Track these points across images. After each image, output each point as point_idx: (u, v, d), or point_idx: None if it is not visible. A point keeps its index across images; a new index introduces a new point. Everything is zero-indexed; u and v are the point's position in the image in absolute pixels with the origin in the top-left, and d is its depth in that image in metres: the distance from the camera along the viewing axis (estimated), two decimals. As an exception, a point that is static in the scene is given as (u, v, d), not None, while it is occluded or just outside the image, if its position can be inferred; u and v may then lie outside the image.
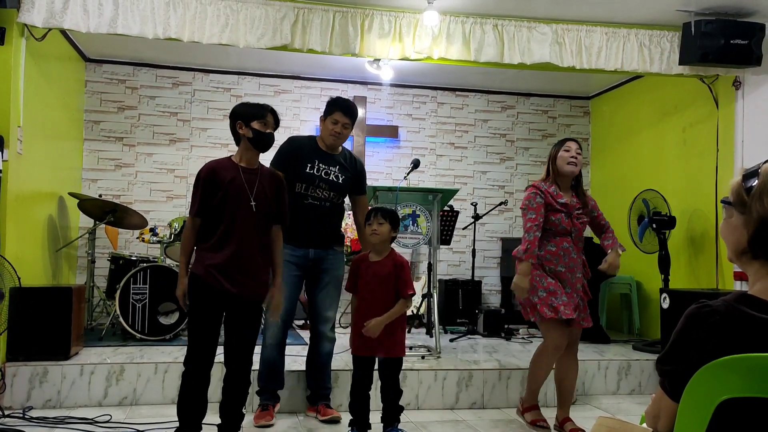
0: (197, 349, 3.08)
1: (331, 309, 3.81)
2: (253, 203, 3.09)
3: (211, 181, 3.09)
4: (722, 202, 1.39)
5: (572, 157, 3.57)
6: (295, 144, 3.81)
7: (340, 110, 3.73)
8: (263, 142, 3.17)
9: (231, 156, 3.23)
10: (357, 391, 3.32)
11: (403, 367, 4.10)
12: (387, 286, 3.25)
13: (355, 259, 3.43)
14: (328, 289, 3.78)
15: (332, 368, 4.07)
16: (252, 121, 3.15)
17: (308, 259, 3.70)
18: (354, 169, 3.87)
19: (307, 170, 3.69)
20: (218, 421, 3.20)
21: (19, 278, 3.73)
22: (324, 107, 3.83)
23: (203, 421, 3.15)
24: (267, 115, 3.18)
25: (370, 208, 3.60)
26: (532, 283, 3.52)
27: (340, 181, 3.78)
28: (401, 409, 3.39)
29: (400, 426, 3.37)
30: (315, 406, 3.85)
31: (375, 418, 3.40)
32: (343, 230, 6.16)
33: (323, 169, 3.73)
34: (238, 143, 3.22)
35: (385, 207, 3.48)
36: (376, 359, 3.34)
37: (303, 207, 3.67)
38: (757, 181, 1.30)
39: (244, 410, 3.25)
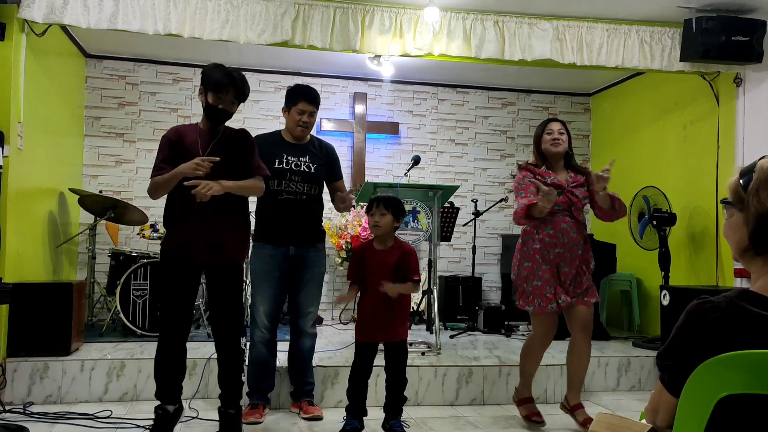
0: (167, 316, 3.10)
1: (313, 306, 3.76)
2: (206, 172, 2.99)
3: (175, 142, 3.06)
4: (722, 202, 1.40)
5: (554, 139, 3.57)
6: (260, 142, 3.65)
7: (304, 99, 3.64)
8: (212, 115, 3.09)
9: (198, 123, 3.19)
10: (356, 378, 3.32)
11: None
12: (397, 274, 3.25)
13: (357, 248, 3.41)
14: (309, 288, 3.71)
15: (332, 365, 4.08)
16: (209, 91, 3.05)
17: (288, 257, 3.62)
18: (326, 156, 3.78)
19: (276, 165, 3.59)
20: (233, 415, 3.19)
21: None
22: (285, 97, 3.72)
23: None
24: (225, 91, 3.04)
25: (372, 197, 3.53)
26: (528, 270, 3.54)
27: (313, 171, 3.68)
28: (405, 399, 3.38)
29: (402, 420, 3.37)
30: (298, 402, 3.81)
31: (376, 413, 3.41)
32: (343, 226, 6.21)
33: (293, 161, 3.64)
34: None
35: (387, 196, 3.42)
36: (377, 350, 3.34)
37: (279, 203, 3.58)
38: (753, 177, 1.30)
39: (243, 377, 3.23)
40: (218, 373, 3.18)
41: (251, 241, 3.63)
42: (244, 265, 3.36)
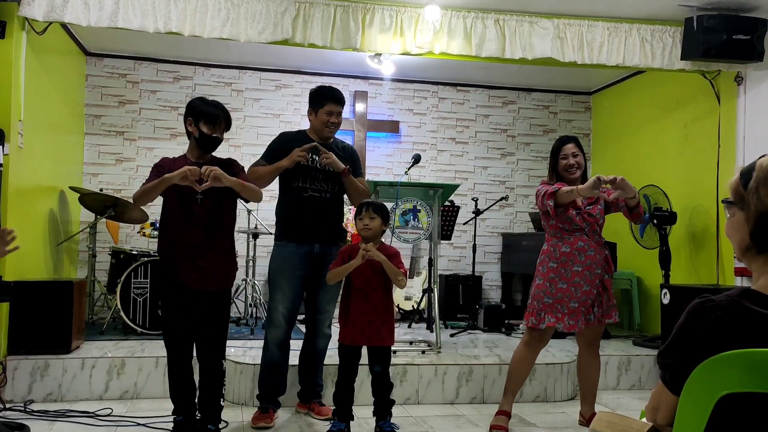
0: (169, 341, 3.17)
1: (331, 305, 3.77)
2: (199, 196, 3.08)
3: (162, 172, 3.09)
4: (723, 201, 1.40)
5: (571, 165, 3.54)
6: (286, 139, 3.72)
7: (332, 101, 3.64)
8: (208, 144, 3.17)
9: (185, 153, 3.25)
10: (343, 382, 3.33)
11: (403, 362, 4.14)
12: (382, 276, 3.26)
13: (345, 248, 3.42)
14: (329, 287, 3.67)
15: (333, 363, 4.06)
16: (200, 121, 3.12)
17: (313, 255, 3.62)
18: (349, 156, 3.78)
19: (302, 163, 3.61)
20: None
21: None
22: (310, 99, 3.71)
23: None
24: (218, 119, 3.13)
25: (361, 202, 3.54)
26: (538, 288, 3.51)
27: (334, 170, 3.67)
28: (393, 402, 3.39)
29: (392, 420, 3.37)
30: (306, 403, 3.82)
31: (365, 412, 3.42)
32: (344, 225, 6.20)
33: (318, 161, 3.64)
34: (189, 137, 3.22)
35: (375, 201, 3.46)
36: (361, 353, 3.34)
37: (304, 200, 3.60)
38: (753, 176, 1.31)
39: (222, 402, 3.26)
40: (200, 397, 3.21)
41: (274, 240, 3.72)
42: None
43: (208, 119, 3.12)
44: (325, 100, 3.65)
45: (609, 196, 3.44)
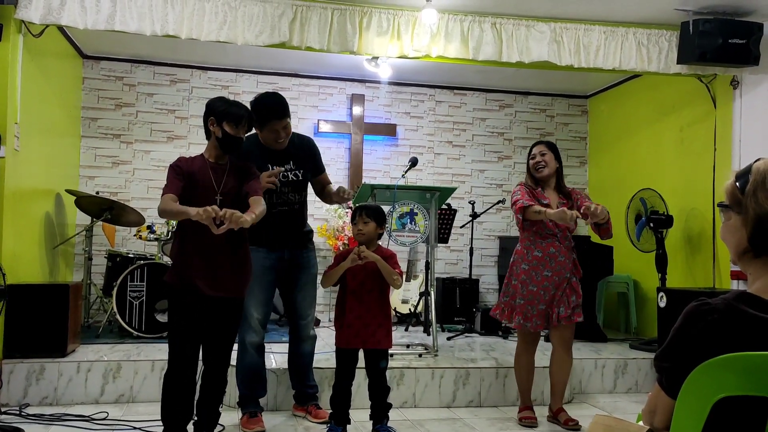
0: (178, 356, 3.03)
1: (311, 308, 3.77)
2: (218, 197, 3.01)
3: (185, 171, 3.03)
4: (719, 205, 1.40)
5: (537, 162, 3.79)
6: (242, 153, 3.48)
7: (275, 118, 3.49)
8: (231, 145, 3.08)
9: (202, 153, 3.17)
10: (340, 386, 3.33)
11: (400, 366, 4.14)
12: (377, 278, 3.26)
13: (341, 252, 3.42)
14: (306, 289, 3.71)
15: (329, 366, 4.06)
16: (224, 121, 3.04)
17: (284, 260, 3.62)
18: (307, 154, 3.71)
19: (273, 187, 3.50)
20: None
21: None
22: (253, 111, 3.38)
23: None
24: (242, 119, 3.06)
25: (354, 206, 3.53)
26: (514, 288, 3.73)
27: (301, 178, 3.65)
28: (390, 406, 3.39)
29: (389, 423, 3.38)
30: (303, 406, 3.82)
31: (362, 416, 3.43)
32: (340, 228, 6.21)
33: (281, 172, 3.55)
34: (208, 137, 3.14)
35: (368, 205, 3.45)
36: (358, 355, 3.34)
37: (274, 216, 3.52)
38: (750, 180, 1.31)
39: (221, 408, 3.24)
40: (200, 400, 3.15)
41: None
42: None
43: (232, 119, 3.04)
44: (268, 118, 3.48)
45: (582, 217, 3.57)
